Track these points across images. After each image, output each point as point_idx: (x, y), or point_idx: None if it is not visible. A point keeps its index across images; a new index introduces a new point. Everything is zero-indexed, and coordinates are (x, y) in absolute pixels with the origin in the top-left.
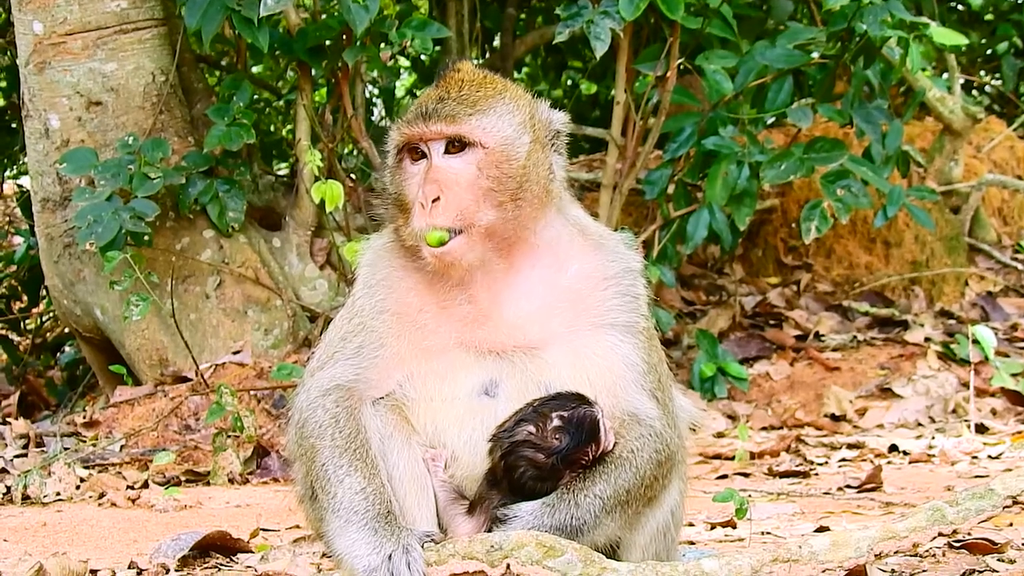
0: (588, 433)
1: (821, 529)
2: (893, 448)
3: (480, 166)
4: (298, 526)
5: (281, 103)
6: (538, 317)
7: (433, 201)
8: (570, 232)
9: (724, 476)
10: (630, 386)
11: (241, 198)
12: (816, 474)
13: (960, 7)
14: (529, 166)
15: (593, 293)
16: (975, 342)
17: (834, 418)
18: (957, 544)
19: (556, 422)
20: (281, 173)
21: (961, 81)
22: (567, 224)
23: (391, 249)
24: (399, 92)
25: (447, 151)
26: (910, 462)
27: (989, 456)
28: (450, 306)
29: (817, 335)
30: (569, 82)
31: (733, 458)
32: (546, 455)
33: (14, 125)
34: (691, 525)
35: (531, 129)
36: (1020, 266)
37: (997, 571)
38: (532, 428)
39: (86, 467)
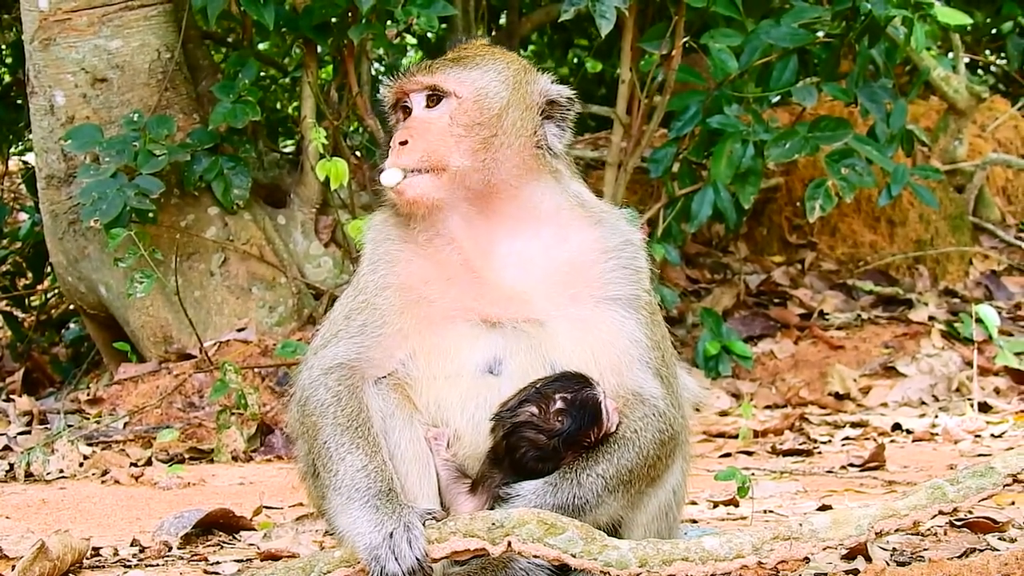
0: (590, 416)
1: (824, 507)
2: (896, 427)
3: (453, 115)
4: (301, 504)
5: (287, 80)
6: (540, 287)
7: (401, 144)
8: (571, 205)
9: (727, 454)
10: (635, 364)
11: (246, 175)
12: (819, 452)
13: None
14: (505, 120)
15: (594, 265)
16: (979, 321)
17: (838, 396)
18: (958, 523)
19: (559, 404)
20: (286, 150)
21: (966, 60)
22: (568, 198)
23: (393, 222)
24: None
25: (427, 104)
26: (913, 441)
27: (992, 435)
28: (453, 276)
29: (821, 314)
30: (575, 60)
31: (737, 436)
32: (548, 437)
33: (19, 102)
34: (694, 504)
35: (514, 88)
36: None
37: (998, 550)
38: (534, 409)
39: (89, 444)
